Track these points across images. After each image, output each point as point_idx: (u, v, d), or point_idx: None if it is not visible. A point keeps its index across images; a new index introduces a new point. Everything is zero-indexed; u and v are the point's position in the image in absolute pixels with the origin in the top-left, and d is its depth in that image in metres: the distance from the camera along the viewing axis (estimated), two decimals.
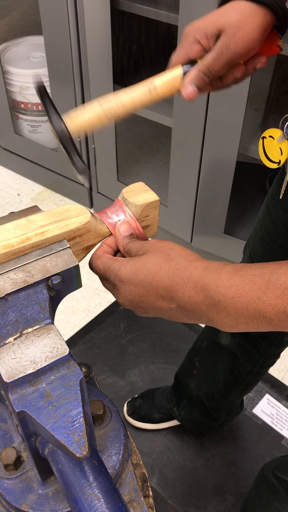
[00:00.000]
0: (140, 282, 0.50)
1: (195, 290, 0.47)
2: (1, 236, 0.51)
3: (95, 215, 0.59)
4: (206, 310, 0.47)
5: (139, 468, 0.61)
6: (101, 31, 1.50)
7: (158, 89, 0.64)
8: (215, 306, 0.46)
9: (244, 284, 0.44)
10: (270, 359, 1.11)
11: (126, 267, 0.52)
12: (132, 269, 0.51)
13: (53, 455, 0.48)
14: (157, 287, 0.49)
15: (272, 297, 0.42)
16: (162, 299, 0.50)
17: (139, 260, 0.51)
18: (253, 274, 0.44)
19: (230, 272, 0.46)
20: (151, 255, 0.51)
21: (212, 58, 0.63)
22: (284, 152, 0.73)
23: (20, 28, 2.52)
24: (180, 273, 0.48)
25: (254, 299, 0.43)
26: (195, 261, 0.49)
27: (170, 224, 1.82)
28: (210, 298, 0.46)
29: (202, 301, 0.47)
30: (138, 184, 0.62)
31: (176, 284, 0.48)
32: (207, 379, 1.22)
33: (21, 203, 2.19)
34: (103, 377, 1.57)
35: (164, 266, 0.49)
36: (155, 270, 0.50)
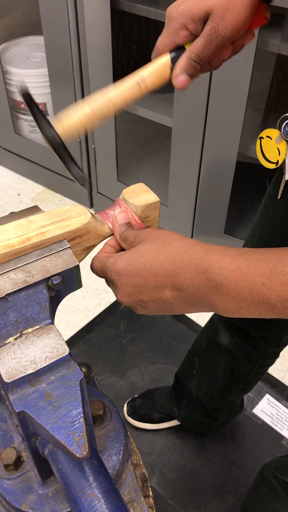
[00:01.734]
0: (138, 271, 0.49)
1: (196, 272, 0.45)
2: (1, 236, 0.51)
3: (95, 215, 0.59)
4: (208, 293, 0.45)
5: (139, 468, 0.61)
6: (101, 31, 1.50)
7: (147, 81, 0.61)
8: (217, 289, 0.44)
9: (249, 268, 0.43)
10: (269, 358, 1.11)
11: (122, 259, 0.50)
12: (128, 259, 0.50)
13: (53, 455, 0.48)
14: (156, 274, 0.47)
15: (277, 284, 0.41)
16: (162, 286, 0.48)
17: (135, 249, 0.50)
18: (258, 258, 0.43)
19: (234, 255, 0.44)
20: (148, 243, 0.50)
21: (202, 45, 0.60)
22: (282, 152, 0.72)
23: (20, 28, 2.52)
24: (180, 257, 0.46)
25: (258, 284, 0.42)
26: (195, 245, 0.47)
27: (170, 224, 1.82)
28: (213, 280, 0.44)
29: (204, 283, 0.45)
30: (139, 185, 0.62)
31: (177, 268, 0.46)
32: (206, 379, 1.22)
33: (21, 203, 2.19)
34: (103, 377, 1.57)
35: (162, 251, 0.48)
36: (153, 256, 0.48)
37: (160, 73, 0.62)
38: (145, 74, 0.61)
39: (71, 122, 0.58)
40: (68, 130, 0.58)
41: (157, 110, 1.61)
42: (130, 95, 0.60)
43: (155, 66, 0.62)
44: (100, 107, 0.59)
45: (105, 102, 0.59)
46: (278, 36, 1.25)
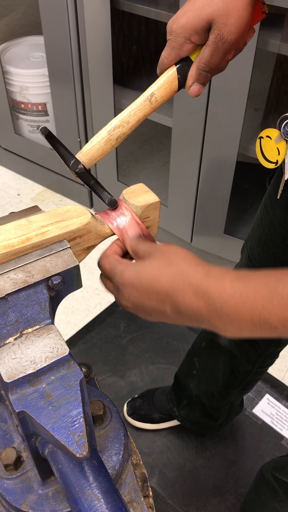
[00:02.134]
0: (141, 286, 0.50)
1: (196, 295, 0.46)
2: (1, 236, 0.51)
3: (96, 216, 0.59)
4: (208, 317, 0.46)
5: (139, 468, 0.61)
6: (101, 31, 1.50)
7: (157, 96, 0.64)
8: (217, 312, 0.45)
9: (248, 291, 0.43)
10: (269, 358, 1.11)
11: (129, 270, 0.52)
12: (134, 273, 0.51)
13: (53, 455, 0.48)
14: (158, 292, 0.49)
15: (278, 306, 0.42)
16: (163, 303, 0.49)
17: (142, 264, 0.51)
18: (258, 281, 0.44)
19: (233, 278, 0.45)
20: (153, 259, 0.51)
21: (209, 54, 0.61)
22: (281, 152, 0.72)
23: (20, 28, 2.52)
24: (181, 278, 0.48)
25: (258, 307, 0.43)
26: (197, 266, 0.48)
27: (170, 224, 1.82)
28: (212, 304, 0.45)
29: (203, 307, 0.46)
30: (139, 186, 0.62)
31: (177, 289, 0.47)
32: (206, 379, 1.22)
33: (21, 203, 2.19)
34: (103, 377, 1.57)
35: (165, 270, 0.49)
36: (156, 275, 0.49)
37: (168, 86, 0.64)
38: (155, 90, 0.63)
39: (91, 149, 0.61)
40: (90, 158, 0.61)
41: (157, 110, 1.60)
42: (142, 112, 0.64)
43: (163, 81, 0.64)
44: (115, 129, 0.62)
45: (119, 123, 0.62)
46: (278, 36, 1.25)
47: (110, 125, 0.62)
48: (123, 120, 0.62)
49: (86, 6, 1.49)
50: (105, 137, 0.61)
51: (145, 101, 0.63)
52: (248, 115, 1.48)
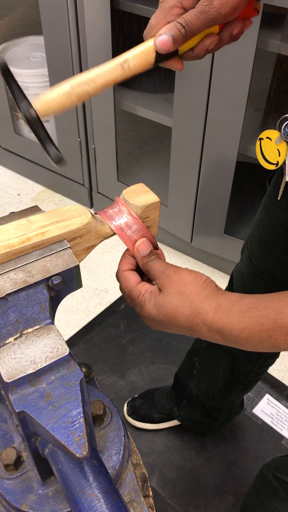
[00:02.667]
0: (162, 320, 0.57)
1: (211, 331, 0.53)
2: (1, 236, 0.51)
3: (96, 216, 0.59)
4: (225, 343, 0.54)
5: (139, 468, 0.61)
6: (101, 31, 1.50)
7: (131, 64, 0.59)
8: (233, 343, 0.53)
9: (254, 326, 0.50)
10: (269, 358, 1.11)
11: (149, 306, 0.57)
12: (154, 309, 0.57)
13: (53, 455, 0.48)
14: (177, 326, 0.56)
15: (281, 334, 0.49)
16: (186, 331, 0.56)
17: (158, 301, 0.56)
18: (260, 315, 0.50)
19: (239, 315, 0.51)
20: (167, 295, 0.56)
21: (193, 14, 0.57)
22: (282, 153, 0.72)
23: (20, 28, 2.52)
24: (195, 317, 0.54)
25: (265, 337, 0.50)
26: (205, 302, 0.54)
27: (170, 224, 1.82)
28: (227, 338, 0.53)
29: (221, 339, 0.53)
30: (139, 185, 0.62)
31: (193, 326, 0.54)
32: (207, 379, 1.22)
33: (21, 203, 2.19)
34: (103, 377, 1.57)
35: (179, 308, 0.55)
36: (173, 313, 0.55)
37: (144, 56, 0.59)
38: (129, 57, 0.59)
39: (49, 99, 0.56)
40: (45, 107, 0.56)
41: (157, 110, 1.61)
42: (112, 75, 0.58)
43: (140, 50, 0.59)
44: (79, 85, 0.57)
45: (85, 80, 0.57)
46: (278, 36, 1.25)
47: (75, 80, 0.57)
48: (90, 77, 0.58)
49: (86, 6, 1.49)
50: (67, 90, 0.57)
51: (117, 65, 0.58)
52: (248, 115, 1.48)
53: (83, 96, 0.57)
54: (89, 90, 0.57)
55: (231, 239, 1.68)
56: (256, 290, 0.94)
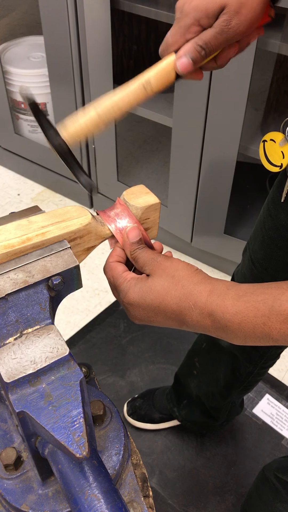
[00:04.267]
0: (148, 306, 0.52)
1: (202, 315, 0.49)
2: (2, 236, 0.51)
3: (96, 216, 0.59)
4: (214, 331, 0.50)
5: (139, 468, 0.61)
6: (101, 31, 1.50)
7: (153, 84, 0.59)
8: (223, 329, 0.49)
9: (249, 311, 0.47)
10: (270, 359, 1.11)
11: (134, 291, 0.53)
12: (140, 293, 0.53)
13: (53, 456, 0.48)
14: (165, 311, 0.52)
15: (277, 322, 0.45)
16: (172, 320, 0.52)
17: (146, 284, 0.53)
18: (257, 300, 0.47)
19: (234, 298, 0.48)
20: (157, 278, 0.52)
21: (212, 35, 0.58)
22: (286, 155, 0.72)
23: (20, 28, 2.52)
24: (186, 299, 0.50)
25: (259, 324, 0.46)
26: (199, 284, 0.51)
27: (170, 224, 1.82)
28: (218, 322, 0.49)
29: (210, 325, 0.49)
30: (139, 187, 0.62)
31: (184, 309, 0.50)
32: (207, 379, 1.22)
33: (21, 203, 2.19)
34: (103, 377, 1.57)
35: (170, 291, 0.51)
36: (162, 296, 0.51)
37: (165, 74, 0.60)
38: (151, 77, 0.59)
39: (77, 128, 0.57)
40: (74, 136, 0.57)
41: (157, 110, 1.61)
42: (135, 98, 0.59)
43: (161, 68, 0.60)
44: (105, 111, 0.57)
45: (111, 106, 0.58)
46: (278, 36, 1.25)
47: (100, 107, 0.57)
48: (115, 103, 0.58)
49: (86, 6, 1.49)
50: (94, 118, 0.57)
51: (140, 88, 0.59)
52: (248, 115, 1.48)
53: (109, 122, 0.58)
54: (115, 115, 0.58)
55: (231, 239, 1.68)
56: None
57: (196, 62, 0.59)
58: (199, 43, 0.58)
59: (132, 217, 0.59)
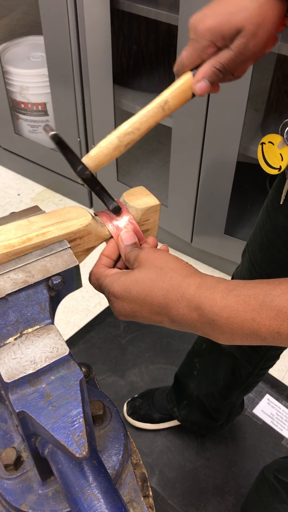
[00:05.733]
0: (133, 299, 0.50)
1: (189, 308, 0.47)
2: (2, 236, 0.51)
3: (96, 217, 0.59)
4: (201, 327, 0.47)
5: (139, 468, 0.61)
6: (101, 31, 1.50)
7: (171, 104, 0.61)
8: (210, 324, 0.46)
9: (238, 305, 0.45)
10: (270, 360, 1.11)
11: (118, 284, 0.51)
12: (124, 285, 0.51)
13: (53, 455, 0.48)
14: (151, 304, 0.49)
15: (266, 319, 0.43)
16: (157, 314, 0.50)
17: (132, 276, 0.51)
18: (247, 294, 0.45)
19: (224, 292, 0.46)
20: (144, 270, 0.51)
21: (229, 57, 0.58)
22: (284, 158, 0.72)
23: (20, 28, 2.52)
24: (174, 290, 0.48)
25: (248, 319, 0.44)
26: (188, 277, 0.49)
27: (170, 224, 1.82)
28: (205, 316, 0.46)
29: (197, 319, 0.47)
30: (139, 188, 0.62)
31: (170, 302, 0.48)
32: (207, 380, 1.22)
33: (21, 203, 2.19)
34: (103, 377, 1.57)
35: (157, 282, 0.49)
36: (149, 287, 0.49)
37: (183, 94, 0.61)
38: (169, 97, 0.61)
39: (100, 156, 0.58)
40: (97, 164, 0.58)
41: None
42: (154, 119, 0.61)
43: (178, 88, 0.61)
44: (126, 136, 0.59)
45: (131, 130, 0.59)
46: (278, 36, 1.25)
47: (119, 130, 0.60)
48: (135, 126, 0.60)
49: (86, 6, 1.49)
50: (115, 143, 0.59)
51: (158, 108, 0.61)
52: (248, 115, 1.48)
53: (130, 144, 0.60)
54: (135, 138, 0.60)
55: (231, 239, 1.68)
56: None
57: (213, 84, 0.61)
58: (216, 66, 0.59)
59: (131, 218, 0.59)
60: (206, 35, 0.58)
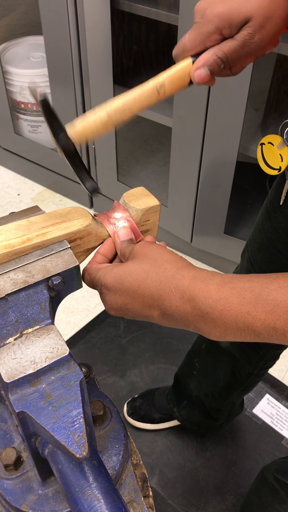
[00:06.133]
0: (125, 290, 0.49)
1: (182, 300, 0.46)
2: (2, 236, 0.51)
3: (96, 218, 0.59)
4: (193, 320, 0.46)
5: (139, 468, 0.61)
6: (101, 31, 1.50)
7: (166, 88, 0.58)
8: (203, 317, 0.45)
9: (234, 298, 0.43)
10: (270, 360, 1.11)
11: (110, 275, 0.50)
12: (116, 277, 0.50)
13: (53, 456, 0.48)
14: (143, 296, 0.48)
15: (262, 313, 0.42)
16: (149, 307, 0.48)
17: (125, 267, 0.50)
18: (243, 287, 0.43)
19: (219, 284, 0.45)
20: (138, 262, 0.50)
21: (233, 48, 0.56)
22: (284, 158, 0.72)
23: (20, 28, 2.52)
24: (167, 282, 0.47)
25: (243, 313, 0.43)
26: (183, 269, 0.48)
27: (170, 224, 1.82)
28: (198, 309, 0.45)
29: (190, 311, 0.46)
30: (139, 189, 0.62)
31: (163, 293, 0.47)
32: (207, 380, 1.22)
33: (21, 203, 2.19)
34: (103, 377, 1.57)
35: (151, 273, 0.48)
36: (142, 278, 0.48)
37: (180, 79, 0.59)
38: (165, 80, 0.58)
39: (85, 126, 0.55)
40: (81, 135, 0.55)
41: (157, 110, 1.61)
42: (147, 100, 0.58)
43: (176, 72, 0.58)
44: (116, 113, 0.56)
45: (122, 107, 0.56)
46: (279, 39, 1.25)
47: (111, 106, 0.56)
48: (127, 105, 0.56)
49: (86, 6, 1.49)
50: (104, 118, 0.55)
51: (153, 90, 0.57)
52: (248, 115, 1.48)
53: (119, 123, 0.56)
54: (125, 118, 0.57)
55: (231, 239, 1.68)
56: None
57: (214, 73, 0.58)
58: (219, 55, 0.57)
59: (128, 215, 0.59)
60: (214, 20, 0.56)
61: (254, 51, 0.57)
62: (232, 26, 0.56)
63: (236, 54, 0.57)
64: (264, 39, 0.56)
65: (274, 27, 0.56)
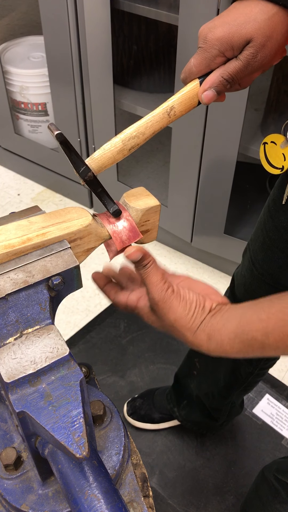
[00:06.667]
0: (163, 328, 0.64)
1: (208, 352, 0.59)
2: (2, 236, 0.51)
3: (96, 218, 0.59)
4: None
5: (139, 468, 0.61)
6: (101, 31, 1.50)
7: (177, 112, 0.62)
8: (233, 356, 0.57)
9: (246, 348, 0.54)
10: (270, 360, 1.11)
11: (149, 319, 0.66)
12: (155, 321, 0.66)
13: (53, 456, 0.48)
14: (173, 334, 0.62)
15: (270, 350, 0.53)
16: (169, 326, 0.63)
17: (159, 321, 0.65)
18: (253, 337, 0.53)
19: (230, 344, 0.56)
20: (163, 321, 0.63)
21: (238, 68, 0.59)
22: (287, 157, 0.72)
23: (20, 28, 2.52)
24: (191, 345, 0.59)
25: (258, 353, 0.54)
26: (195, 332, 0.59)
27: (170, 224, 1.82)
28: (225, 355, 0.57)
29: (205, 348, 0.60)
30: (139, 189, 0.62)
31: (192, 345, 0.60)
32: (207, 380, 1.22)
33: (21, 203, 2.19)
34: (103, 377, 1.57)
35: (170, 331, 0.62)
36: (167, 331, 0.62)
37: (189, 101, 0.62)
38: (175, 103, 0.61)
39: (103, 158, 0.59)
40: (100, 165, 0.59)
41: None
42: (159, 125, 0.62)
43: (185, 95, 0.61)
44: (130, 139, 0.60)
45: (136, 134, 0.60)
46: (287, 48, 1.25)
47: (124, 134, 0.60)
48: (139, 130, 0.60)
49: (86, 6, 1.49)
50: (119, 146, 0.59)
51: (164, 113, 0.61)
52: (248, 115, 1.48)
53: (134, 148, 0.61)
54: (139, 142, 0.61)
55: (231, 239, 1.68)
56: (258, 293, 0.93)
57: (220, 93, 0.61)
58: (224, 76, 0.59)
59: (127, 215, 0.59)
60: (216, 44, 0.58)
61: (258, 69, 0.60)
62: (234, 48, 0.58)
63: (241, 74, 0.59)
64: (267, 56, 0.58)
65: (275, 44, 0.58)
